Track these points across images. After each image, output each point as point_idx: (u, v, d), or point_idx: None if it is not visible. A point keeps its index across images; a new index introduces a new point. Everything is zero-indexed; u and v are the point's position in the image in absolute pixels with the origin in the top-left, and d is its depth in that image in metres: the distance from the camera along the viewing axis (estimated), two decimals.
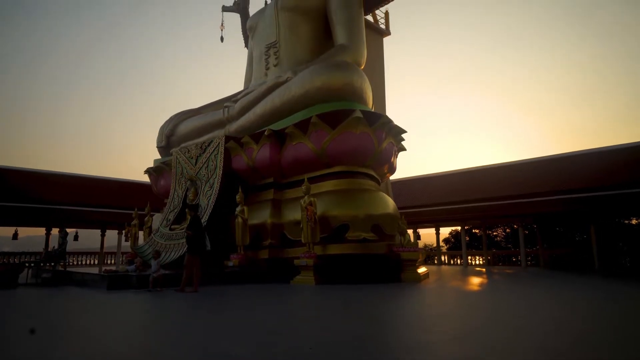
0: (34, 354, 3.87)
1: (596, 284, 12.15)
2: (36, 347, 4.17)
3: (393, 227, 13.44)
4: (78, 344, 4.34)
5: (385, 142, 14.55)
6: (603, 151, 22.00)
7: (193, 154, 16.39)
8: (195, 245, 10.15)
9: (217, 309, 7.38)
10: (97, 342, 4.37)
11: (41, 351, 3.99)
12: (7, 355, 3.75)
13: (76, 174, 28.28)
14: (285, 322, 5.69)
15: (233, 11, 23.70)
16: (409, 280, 12.39)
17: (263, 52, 18.79)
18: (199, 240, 10.31)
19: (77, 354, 3.87)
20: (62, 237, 14.92)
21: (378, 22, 22.38)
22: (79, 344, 4.31)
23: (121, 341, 4.49)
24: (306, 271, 12.18)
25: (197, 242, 10.18)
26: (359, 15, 18.09)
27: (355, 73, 14.83)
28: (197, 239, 10.20)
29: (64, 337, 4.76)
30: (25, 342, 4.37)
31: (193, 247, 10.13)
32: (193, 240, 10.14)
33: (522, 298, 8.65)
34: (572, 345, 4.12)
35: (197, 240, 10.21)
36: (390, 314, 6.63)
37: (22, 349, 4.06)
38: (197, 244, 10.18)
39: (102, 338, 4.63)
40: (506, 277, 15.43)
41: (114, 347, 4.12)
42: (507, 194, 21.93)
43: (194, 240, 10.14)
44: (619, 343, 4.27)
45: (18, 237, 24.48)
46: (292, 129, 14.16)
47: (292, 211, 13.74)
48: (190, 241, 10.18)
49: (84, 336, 4.75)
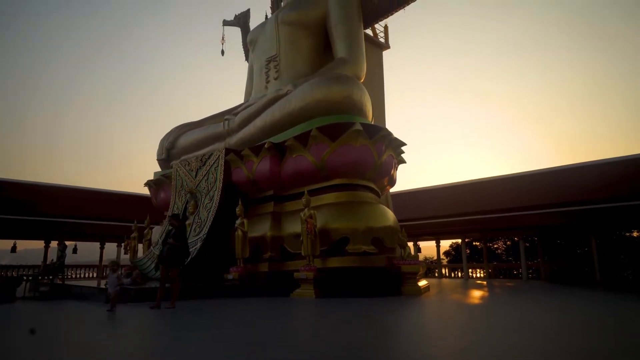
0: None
1: (598, 298, 12.06)
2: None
3: (393, 239, 13.39)
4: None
5: (385, 155, 14.58)
6: (603, 163, 22.00)
7: (193, 166, 16.41)
8: (175, 257, 9.35)
9: (215, 324, 7.30)
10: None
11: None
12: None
13: (76, 186, 28.25)
14: (285, 335, 5.63)
15: (234, 25, 23.96)
16: (409, 294, 12.31)
17: (263, 66, 18.93)
18: (181, 251, 9.51)
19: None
20: (61, 250, 14.88)
21: (377, 35, 22.59)
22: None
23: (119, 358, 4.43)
24: (306, 284, 12.10)
25: (177, 254, 9.38)
26: (359, 29, 18.27)
27: (355, 86, 14.93)
28: (178, 251, 9.42)
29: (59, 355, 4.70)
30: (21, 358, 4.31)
31: (172, 258, 9.31)
32: (174, 252, 9.33)
33: (524, 312, 8.58)
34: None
35: (179, 251, 9.43)
36: (391, 327, 6.56)
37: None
38: (177, 256, 9.39)
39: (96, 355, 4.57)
40: (507, 290, 15.32)
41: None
42: (507, 207, 21.87)
43: (175, 251, 9.34)
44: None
45: (17, 250, 24.38)
46: (292, 142, 14.20)
47: (292, 224, 13.71)
48: (171, 252, 9.31)
49: (81, 352, 4.69)
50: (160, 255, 9.69)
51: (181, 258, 9.53)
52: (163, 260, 9.45)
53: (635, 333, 6.01)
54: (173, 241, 9.39)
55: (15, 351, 4.72)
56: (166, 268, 9.34)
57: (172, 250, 9.33)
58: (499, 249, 34.98)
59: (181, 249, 9.50)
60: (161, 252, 9.68)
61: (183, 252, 9.59)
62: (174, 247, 9.34)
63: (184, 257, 9.64)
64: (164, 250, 9.47)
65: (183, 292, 11.59)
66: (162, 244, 9.91)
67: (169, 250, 9.34)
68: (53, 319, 8.08)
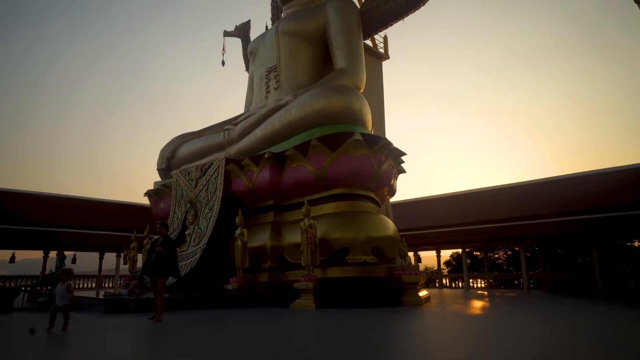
0: None
1: (601, 310, 11.94)
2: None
3: (394, 249, 13.34)
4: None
5: (385, 165, 14.57)
6: (604, 172, 21.99)
7: (193, 176, 16.40)
8: (164, 266, 8.84)
9: (216, 333, 7.24)
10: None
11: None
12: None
13: (75, 196, 28.24)
14: (286, 348, 5.56)
15: (234, 36, 24.15)
16: (410, 304, 12.21)
17: (263, 76, 19.02)
18: (170, 260, 9.01)
19: None
20: (60, 260, 14.79)
21: (377, 46, 22.75)
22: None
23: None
24: (306, 295, 12.02)
25: (166, 263, 8.87)
26: (358, 39, 18.38)
27: (355, 96, 14.98)
28: (169, 259, 8.95)
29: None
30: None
31: (160, 268, 8.80)
32: (163, 261, 8.80)
33: (525, 323, 8.50)
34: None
35: (168, 260, 8.93)
36: (392, 338, 6.50)
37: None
38: (165, 265, 8.88)
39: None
40: (508, 301, 15.21)
41: None
42: (508, 216, 21.83)
43: (164, 260, 8.81)
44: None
45: (15, 260, 24.27)
46: (292, 152, 14.21)
47: (292, 234, 13.65)
48: (159, 261, 8.78)
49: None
50: (147, 264, 9.18)
51: (170, 267, 8.99)
52: (150, 270, 8.92)
53: (635, 345, 5.95)
54: (162, 249, 8.83)
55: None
56: (154, 278, 8.83)
57: (161, 259, 8.79)
58: (500, 259, 34.83)
59: (170, 257, 8.97)
60: (147, 262, 9.17)
61: (172, 261, 9.08)
62: (162, 255, 8.80)
63: (173, 266, 9.11)
64: (151, 259, 8.93)
65: (181, 303, 11.55)
66: (149, 252, 9.28)
67: (156, 259, 8.81)
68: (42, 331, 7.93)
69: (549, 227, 20.36)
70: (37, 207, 24.03)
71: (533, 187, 23.76)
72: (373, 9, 19.08)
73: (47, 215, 23.65)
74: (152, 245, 9.19)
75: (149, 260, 9.08)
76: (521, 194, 23.35)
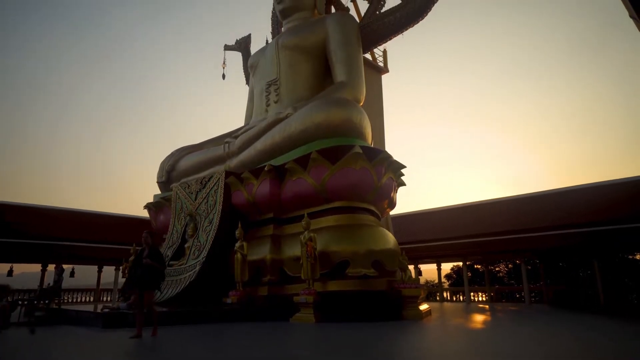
0: None
1: (603, 325, 11.81)
2: None
3: (394, 262, 13.25)
4: None
5: (384, 178, 14.55)
6: (605, 185, 21.98)
7: (193, 189, 16.37)
8: (152, 278, 8.45)
9: (214, 348, 7.14)
10: None
11: None
12: None
13: (73, 209, 28.18)
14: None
15: (235, 49, 24.34)
16: (410, 318, 12.08)
17: (264, 89, 19.11)
18: (158, 272, 8.61)
19: None
20: (58, 273, 14.68)
21: (376, 59, 22.91)
22: None
23: None
24: (306, 308, 11.89)
25: (153, 275, 8.48)
26: (358, 53, 18.52)
27: (354, 109, 15.02)
28: (157, 272, 8.55)
29: None
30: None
31: (147, 280, 8.41)
32: (151, 273, 8.42)
33: (526, 338, 8.41)
34: None
35: (158, 273, 8.56)
36: (393, 353, 6.41)
37: None
38: (153, 277, 8.48)
39: None
40: (510, 315, 15.08)
41: None
42: (508, 229, 21.76)
43: (152, 272, 8.43)
44: None
45: (13, 273, 24.11)
46: (292, 165, 14.20)
47: (291, 247, 13.58)
48: (147, 274, 8.39)
49: None
50: (133, 277, 8.82)
51: (157, 279, 8.59)
52: (137, 283, 8.46)
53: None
54: (150, 261, 8.41)
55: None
56: (140, 291, 8.37)
57: (149, 271, 8.39)
58: (501, 272, 34.61)
59: (158, 269, 8.57)
60: (133, 274, 8.82)
61: (159, 273, 8.65)
62: (150, 267, 8.39)
63: (159, 278, 8.66)
64: (138, 271, 8.52)
65: (180, 317, 11.41)
66: (134, 263, 8.90)
67: (144, 271, 8.39)
68: (47, 348, 7.85)
69: (549, 239, 20.28)
70: (35, 220, 23.95)
71: (533, 200, 23.73)
72: (372, 22, 19.28)
73: (46, 228, 23.57)
74: (137, 257, 8.80)
75: (136, 272, 8.65)
76: (521, 207, 23.31)
